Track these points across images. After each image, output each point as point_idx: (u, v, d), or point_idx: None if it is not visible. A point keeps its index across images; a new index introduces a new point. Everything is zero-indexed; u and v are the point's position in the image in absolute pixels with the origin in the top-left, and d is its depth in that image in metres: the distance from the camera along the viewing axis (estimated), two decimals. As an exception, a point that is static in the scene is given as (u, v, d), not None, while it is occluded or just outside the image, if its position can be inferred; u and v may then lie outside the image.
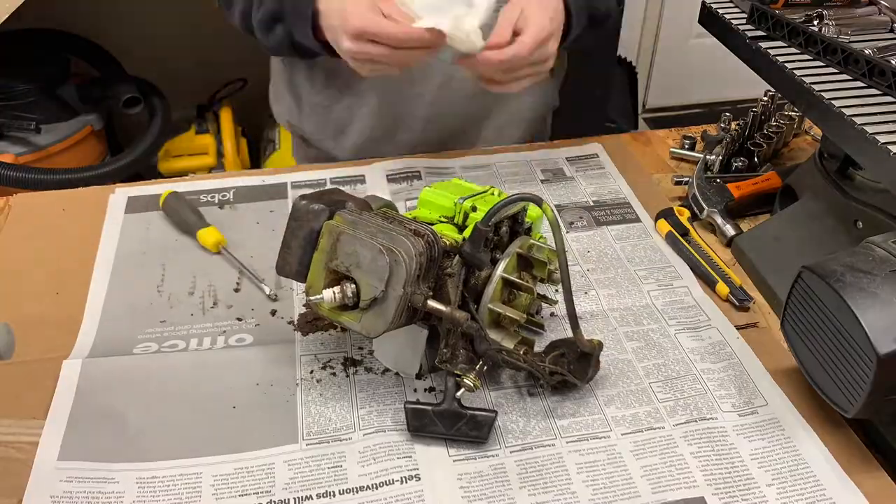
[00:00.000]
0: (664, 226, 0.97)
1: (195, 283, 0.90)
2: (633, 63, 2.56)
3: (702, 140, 1.15)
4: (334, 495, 0.68)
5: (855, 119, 0.75)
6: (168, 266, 0.93)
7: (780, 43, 0.89)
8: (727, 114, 1.20)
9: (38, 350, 0.81)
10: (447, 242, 0.72)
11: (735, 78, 1.63)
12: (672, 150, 1.15)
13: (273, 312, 0.86)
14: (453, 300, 0.70)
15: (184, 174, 2.00)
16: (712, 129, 1.19)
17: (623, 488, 0.68)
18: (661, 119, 2.94)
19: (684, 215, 0.99)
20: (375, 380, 0.78)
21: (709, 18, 0.99)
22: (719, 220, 0.98)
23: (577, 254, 0.95)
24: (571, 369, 0.74)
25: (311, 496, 0.68)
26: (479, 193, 0.84)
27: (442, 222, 0.81)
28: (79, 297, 0.88)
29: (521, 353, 0.73)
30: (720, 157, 1.08)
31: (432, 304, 0.68)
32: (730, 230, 0.97)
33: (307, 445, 0.72)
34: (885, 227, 0.79)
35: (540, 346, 0.77)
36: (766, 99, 1.14)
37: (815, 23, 0.88)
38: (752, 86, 1.10)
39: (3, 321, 0.83)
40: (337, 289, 0.67)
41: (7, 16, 1.76)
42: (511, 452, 0.71)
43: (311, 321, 0.84)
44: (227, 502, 0.67)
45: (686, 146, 1.15)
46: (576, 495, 0.68)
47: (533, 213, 0.83)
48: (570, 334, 0.73)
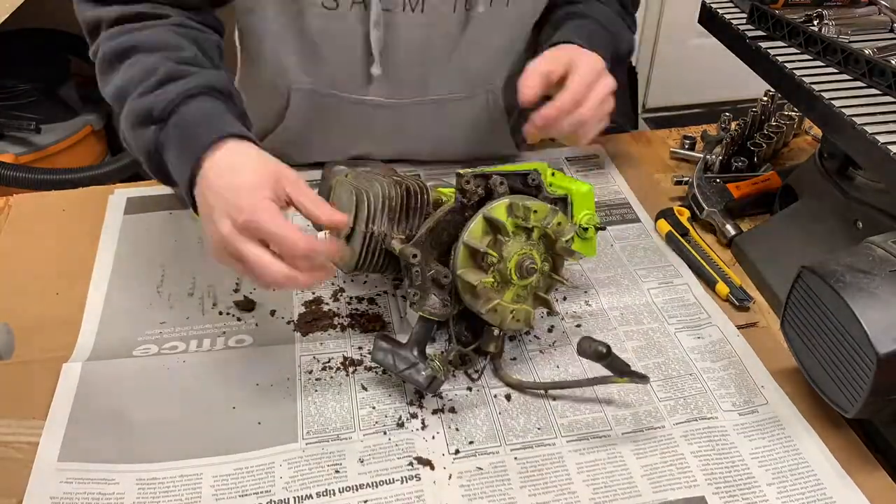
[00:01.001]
0: (664, 226, 0.97)
1: (195, 284, 0.90)
2: (633, 63, 2.56)
3: (702, 140, 1.15)
4: (334, 494, 0.68)
5: (855, 119, 0.75)
6: (167, 267, 0.92)
7: (780, 43, 0.89)
8: (727, 114, 1.20)
9: (38, 350, 0.81)
10: (442, 198, 0.80)
11: (735, 78, 1.63)
12: (672, 150, 1.15)
13: (272, 312, 0.86)
14: (423, 243, 0.74)
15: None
16: (712, 129, 1.19)
17: (623, 487, 0.68)
18: (661, 119, 2.94)
19: (684, 215, 0.99)
20: (375, 379, 0.78)
21: (709, 18, 0.99)
22: (719, 220, 0.98)
23: (577, 254, 0.95)
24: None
25: (310, 495, 0.68)
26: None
27: None
28: (79, 298, 0.88)
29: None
30: (720, 157, 1.08)
31: (394, 244, 0.74)
32: (730, 230, 0.97)
33: (307, 445, 0.72)
34: (885, 227, 0.79)
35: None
36: (766, 99, 1.14)
37: (815, 23, 0.89)
38: (752, 86, 1.10)
39: (3, 321, 0.83)
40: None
41: (7, 16, 1.76)
42: (511, 451, 0.71)
43: (311, 321, 0.84)
44: (226, 502, 0.67)
45: (686, 146, 1.15)
46: (576, 495, 0.68)
47: (579, 187, 0.84)
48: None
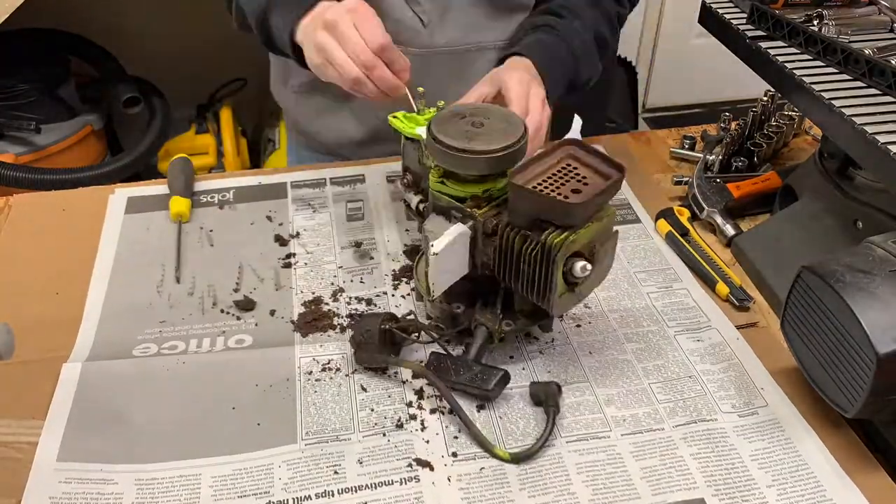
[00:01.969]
0: (664, 226, 0.97)
1: (195, 284, 0.90)
2: (633, 63, 2.56)
3: (702, 140, 1.15)
4: (333, 495, 0.68)
5: (855, 119, 0.75)
6: (168, 266, 0.92)
7: (780, 43, 0.89)
8: (727, 114, 1.20)
9: (38, 350, 0.81)
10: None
11: (735, 78, 1.63)
12: (672, 150, 1.15)
13: (272, 312, 0.86)
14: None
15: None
16: (712, 129, 1.19)
17: (623, 489, 0.68)
18: (661, 119, 2.94)
19: (684, 215, 0.99)
20: (375, 381, 0.78)
21: (709, 18, 0.99)
22: (719, 219, 0.98)
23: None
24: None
25: (309, 496, 0.68)
26: None
27: None
28: (79, 298, 0.88)
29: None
30: (720, 157, 1.08)
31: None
32: (730, 230, 0.97)
33: (306, 446, 0.72)
34: (885, 227, 0.79)
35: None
36: (766, 99, 1.14)
37: (815, 23, 0.88)
38: (752, 86, 1.10)
39: (3, 321, 0.83)
40: None
41: (7, 16, 1.76)
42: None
43: (311, 321, 0.84)
44: (225, 503, 0.67)
45: (686, 146, 1.15)
46: (575, 496, 0.67)
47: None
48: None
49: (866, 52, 0.81)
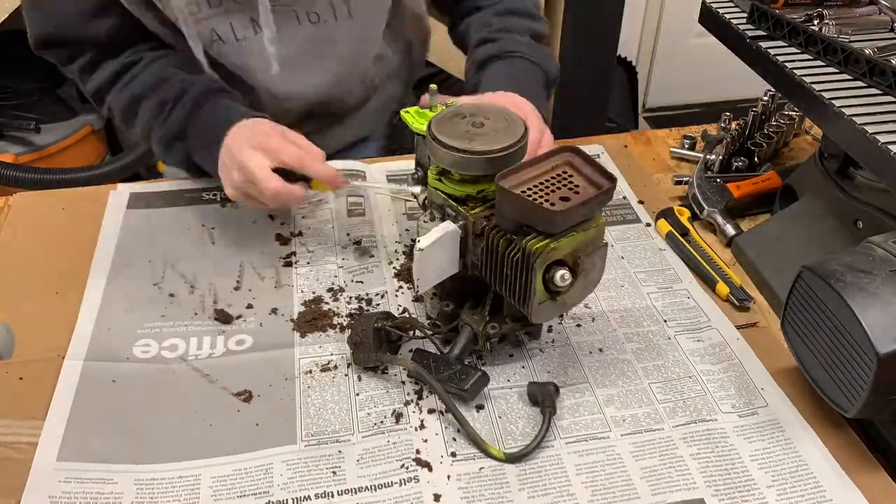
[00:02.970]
0: (664, 226, 0.97)
1: (196, 282, 0.90)
2: (633, 63, 2.56)
3: (702, 140, 1.15)
4: (333, 496, 0.68)
5: (855, 119, 0.75)
6: (168, 264, 0.92)
7: (780, 43, 0.89)
8: (727, 114, 1.20)
9: (37, 350, 0.81)
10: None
11: (735, 78, 1.63)
12: (672, 149, 1.15)
13: (273, 311, 0.86)
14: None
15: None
16: (712, 129, 1.19)
17: (622, 490, 0.68)
18: (661, 119, 2.94)
19: (684, 215, 0.99)
20: (374, 381, 0.78)
21: (709, 18, 0.99)
22: (719, 219, 0.98)
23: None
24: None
25: (309, 496, 0.67)
26: None
27: None
28: (78, 297, 0.87)
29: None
30: (720, 157, 1.08)
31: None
32: (730, 230, 0.97)
33: (306, 446, 0.72)
34: (885, 227, 0.79)
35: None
36: (766, 99, 1.14)
37: (816, 22, 0.88)
38: (752, 86, 1.10)
39: (3, 321, 0.83)
40: None
41: (7, 16, 1.76)
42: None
43: (311, 320, 0.84)
44: (225, 503, 0.67)
45: (686, 146, 1.15)
46: (575, 497, 0.67)
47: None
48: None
49: (866, 51, 0.81)
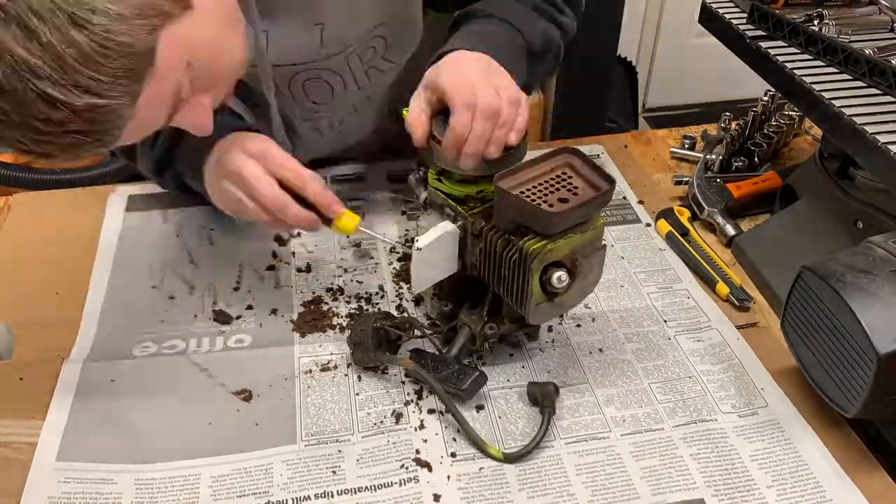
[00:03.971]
0: (664, 226, 0.97)
1: (195, 283, 0.90)
2: (633, 63, 2.55)
3: (702, 140, 1.15)
4: (332, 496, 0.68)
5: (855, 119, 0.75)
6: (167, 266, 0.92)
7: (780, 43, 0.89)
8: (727, 114, 1.20)
9: (37, 350, 0.81)
10: None
11: (735, 78, 1.63)
12: (672, 149, 1.15)
13: (273, 311, 0.86)
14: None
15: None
16: (712, 129, 1.19)
17: (622, 490, 0.68)
18: (661, 119, 2.94)
19: (684, 215, 0.99)
20: (374, 381, 0.78)
21: (709, 18, 0.99)
22: (719, 219, 0.98)
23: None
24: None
25: (308, 496, 0.67)
26: None
27: None
28: (79, 297, 0.87)
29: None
30: (720, 157, 1.08)
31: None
32: (730, 230, 0.97)
33: (305, 446, 0.72)
34: (885, 227, 0.79)
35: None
36: (766, 99, 1.14)
37: (816, 22, 0.88)
38: (752, 86, 1.10)
39: (3, 321, 0.83)
40: None
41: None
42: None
43: (311, 321, 0.84)
44: (224, 502, 0.67)
45: (686, 146, 1.15)
46: (575, 497, 0.67)
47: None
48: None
49: (866, 51, 0.81)
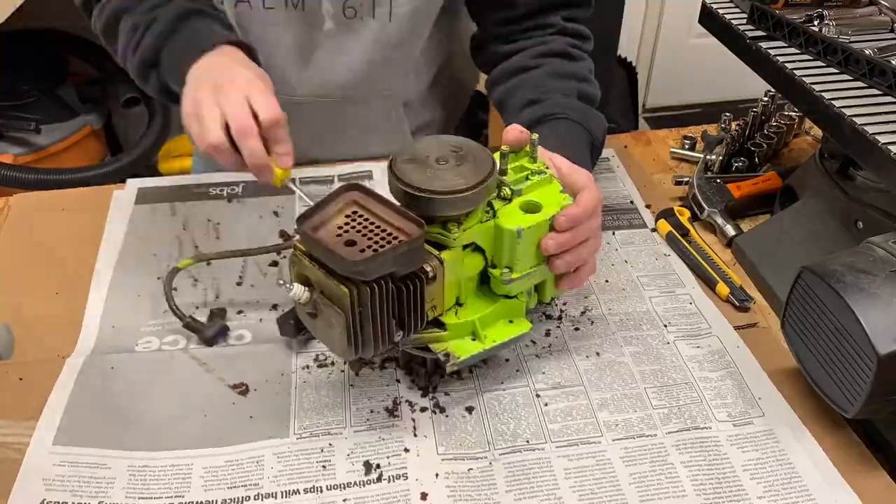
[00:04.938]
0: (665, 226, 0.97)
1: (199, 277, 0.90)
2: (633, 63, 2.56)
3: (702, 140, 1.15)
4: (321, 490, 0.68)
5: (855, 119, 0.75)
6: (173, 258, 0.92)
7: (780, 43, 0.89)
8: (727, 114, 1.20)
9: (38, 350, 0.81)
10: None
11: (735, 78, 1.63)
12: (672, 150, 1.15)
13: (274, 306, 0.86)
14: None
15: (185, 174, 2.00)
16: (712, 129, 1.19)
17: (610, 494, 0.67)
18: (661, 119, 2.94)
19: (684, 215, 0.99)
20: (369, 376, 0.78)
21: (709, 18, 0.99)
22: (719, 220, 0.98)
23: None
24: None
25: (297, 490, 0.68)
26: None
27: None
28: (79, 297, 0.87)
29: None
30: (720, 157, 1.08)
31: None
32: (730, 230, 0.97)
33: (297, 439, 0.72)
34: (885, 227, 0.78)
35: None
36: (766, 99, 1.14)
37: (816, 23, 0.88)
38: (752, 86, 1.10)
39: (3, 321, 0.83)
40: None
41: (7, 16, 1.76)
42: (500, 455, 0.71)
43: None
44: (215, 493, 0.67)
45: (686, 146, 1.15)
46: (562, 500, 0.67)
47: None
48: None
49: (867, 52, 0.81)
